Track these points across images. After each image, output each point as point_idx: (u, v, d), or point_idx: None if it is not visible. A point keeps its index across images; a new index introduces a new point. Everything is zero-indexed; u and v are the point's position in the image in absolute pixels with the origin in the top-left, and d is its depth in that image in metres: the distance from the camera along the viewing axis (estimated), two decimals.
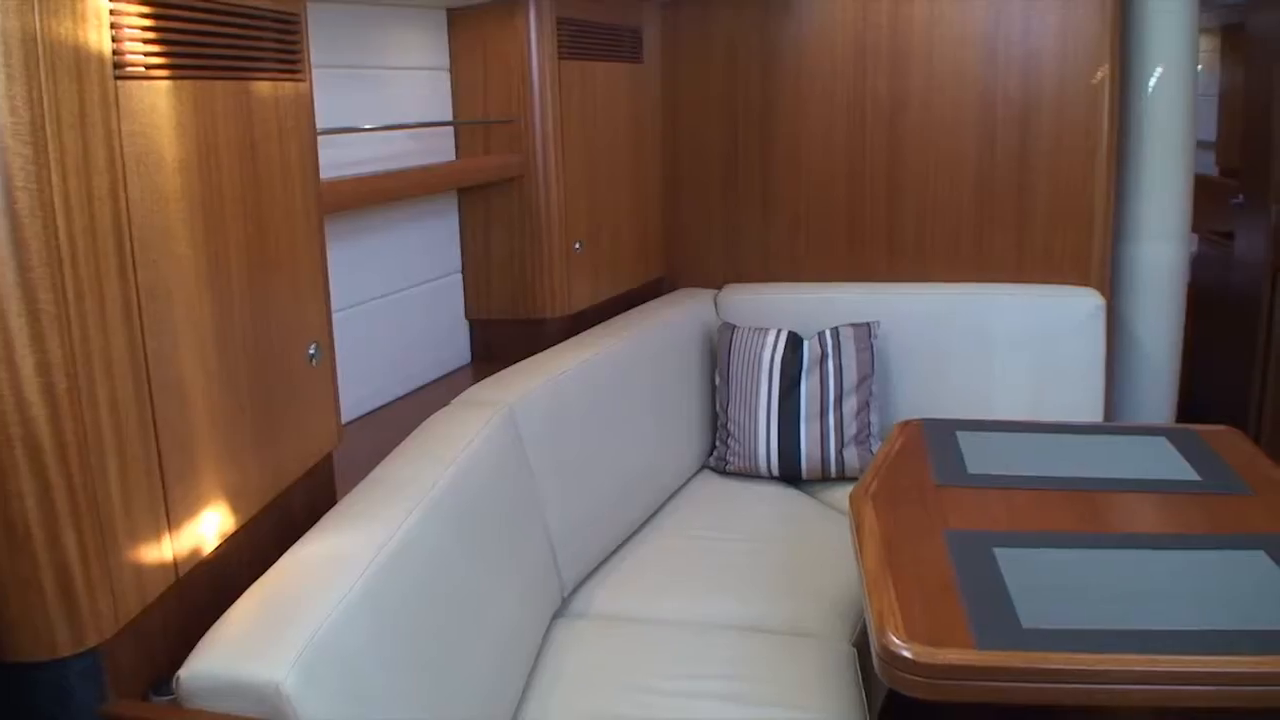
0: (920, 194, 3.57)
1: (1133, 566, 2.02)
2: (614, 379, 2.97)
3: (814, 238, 3.65)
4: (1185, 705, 1.75)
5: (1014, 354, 3.41)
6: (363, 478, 2.12)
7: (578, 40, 3.15)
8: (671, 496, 3.16)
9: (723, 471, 3.30)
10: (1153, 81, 3.70)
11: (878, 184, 3.59)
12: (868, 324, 3.28)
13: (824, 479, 3.23)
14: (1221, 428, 2.78)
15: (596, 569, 2.78)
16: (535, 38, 3.02)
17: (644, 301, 3.55)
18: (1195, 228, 5.65)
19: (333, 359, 2.06)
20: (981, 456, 2.54)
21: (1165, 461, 2.54)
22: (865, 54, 3.55)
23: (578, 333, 3.15)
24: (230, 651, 1.53)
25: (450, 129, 3.11)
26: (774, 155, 3.67)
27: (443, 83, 3.08)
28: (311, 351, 1.95)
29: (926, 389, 3.40)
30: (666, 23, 3.69)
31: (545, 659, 2.38)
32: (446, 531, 2.04)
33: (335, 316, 2.12)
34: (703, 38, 3.67)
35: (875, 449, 3.13)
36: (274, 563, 1.76)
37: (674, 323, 3.37)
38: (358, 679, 1.62)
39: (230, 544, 1.74)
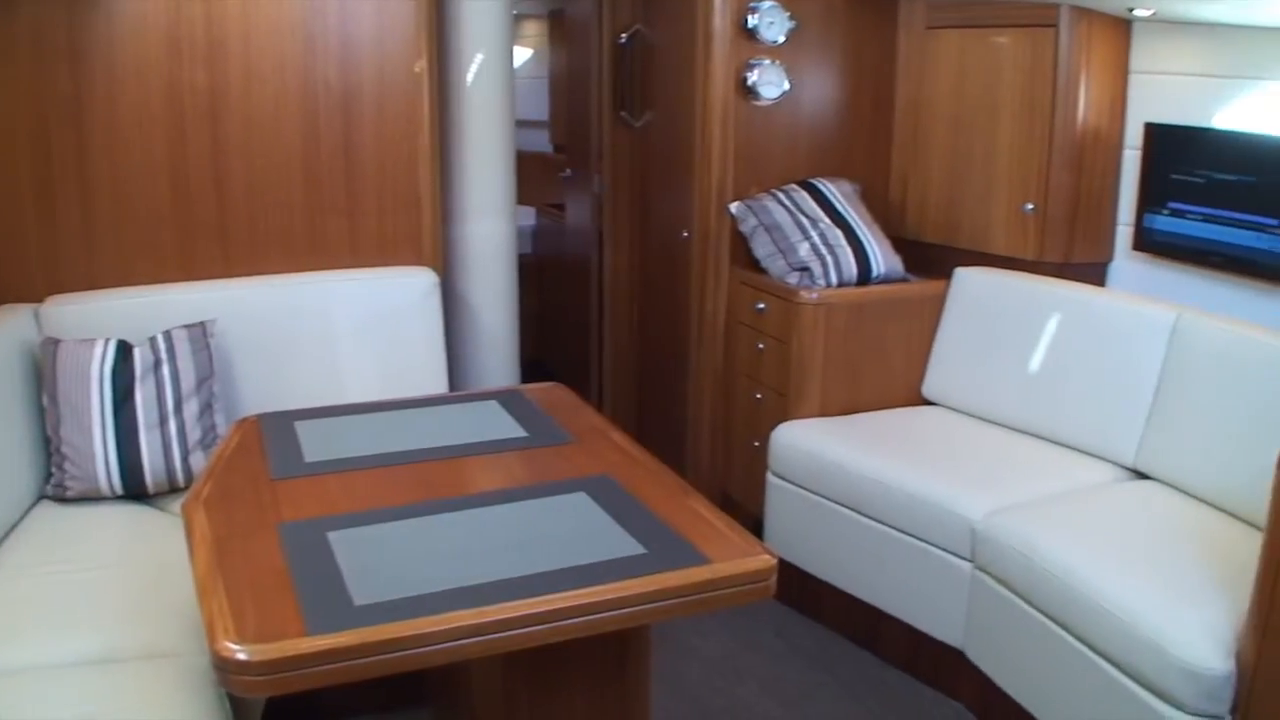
0: (249, 186, 3.48)
1: (463, 527, 2.11)
2: None
3: (141, 238, 3.43)
4: (521, 648, 1.86)
5: (358, 338, 3.45)
6: None
7: None
8: (4, 536, 2.86)
9: (63, 499, 3.04)
10: (473, 69, 3.88)
11: (204, 178, 3.45)
12: (202, 323, 3.17)
13: (172, 490, 3.07)
14: (548, 384, 2.99)
15: None
16: None
17: None
18: (532, 202, 6.07)
19: None
20: (320, 444, 2.54)
21: (496, 423, 2.69)
22: (180, 44, 3.39)
23: None
24: None
25: None
26: (91, 154, 3.39)
27: None
28: None
29: (274, 384, 3.34)
30: None
31: None
32: None
33: None
34: (2, 29, 3.33)
35: None
36: None
37: None
38: None
39: None
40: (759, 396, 3.86)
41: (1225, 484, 2.93)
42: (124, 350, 3.05)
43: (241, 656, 1.68)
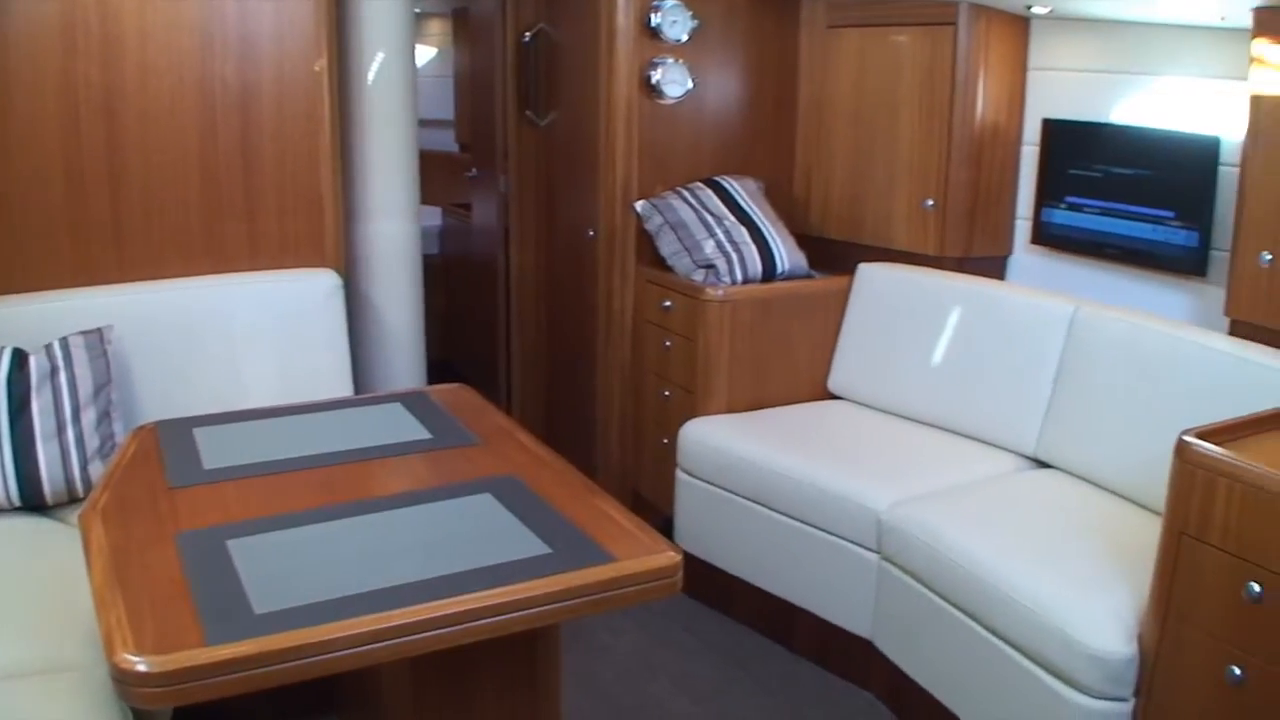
0: (146, 187, 3.39)
1: (367, 531, 2.09)
2: None
3: (33, 242, 3.32)
4: (427, 651, 1.84)
5: (259, 342, 3.39)
6: None
7: None
8: None
9: None
10: (375, 67, 3.84)
11: (99, 179, 3.35)
12: (99, 329, 3.09)
13: (72, 501, 2.99)
14: (453, 386, 2.97)
15: None
16: None
17: None
18: (438, 202, 6.02)
19: None
20: (219, 451, 2.49)
21: (400, 425, 2.66)
22: (75, 39, 3.30)
23: None
24: None
25: None
26: None
27: None
28: None
29: (174, 390, 3.26)
30: None
31: None
32: None
33: None
34: None
35: None
36: None
37: None
38: None
39: None
40: (667, 394, 3.87)
41: (1124, 471, 2.99)
42: (19, 358, 2.97)
43: (141, 668, 1.65)
